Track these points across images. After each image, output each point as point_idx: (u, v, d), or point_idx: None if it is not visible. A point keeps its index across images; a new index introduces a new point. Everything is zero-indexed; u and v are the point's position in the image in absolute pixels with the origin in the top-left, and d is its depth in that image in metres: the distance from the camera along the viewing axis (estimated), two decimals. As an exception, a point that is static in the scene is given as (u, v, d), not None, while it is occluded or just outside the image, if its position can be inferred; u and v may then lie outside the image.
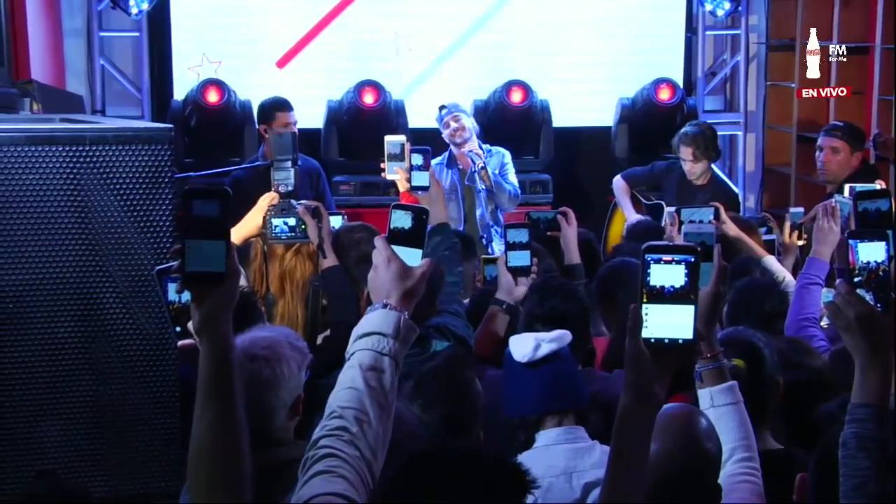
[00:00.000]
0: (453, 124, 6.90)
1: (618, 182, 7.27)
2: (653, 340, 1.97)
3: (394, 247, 2.24)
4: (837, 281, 2.36)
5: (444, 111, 7.01)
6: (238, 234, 4.22)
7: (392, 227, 2.27)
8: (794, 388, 3.29)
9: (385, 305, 2.18)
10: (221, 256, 2.03)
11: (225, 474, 2.06)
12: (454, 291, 3.98)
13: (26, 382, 2.85)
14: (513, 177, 6.97)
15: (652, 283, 1.98)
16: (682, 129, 6.93)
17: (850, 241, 2.40)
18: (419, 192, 4.15)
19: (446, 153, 7.04)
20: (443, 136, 7.00)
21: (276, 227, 4.09)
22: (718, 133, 9.47)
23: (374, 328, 2.15)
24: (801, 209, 5.47)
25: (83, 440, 2.90)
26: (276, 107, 6.85)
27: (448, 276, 3.94)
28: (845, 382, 3.43)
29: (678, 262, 1.97)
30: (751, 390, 2.92)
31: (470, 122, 7.00)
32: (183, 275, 2.03)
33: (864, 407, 2.20)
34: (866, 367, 2.21)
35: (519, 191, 6.97)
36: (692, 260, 1.97)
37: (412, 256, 2.24)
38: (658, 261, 1.98)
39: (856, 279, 2.31)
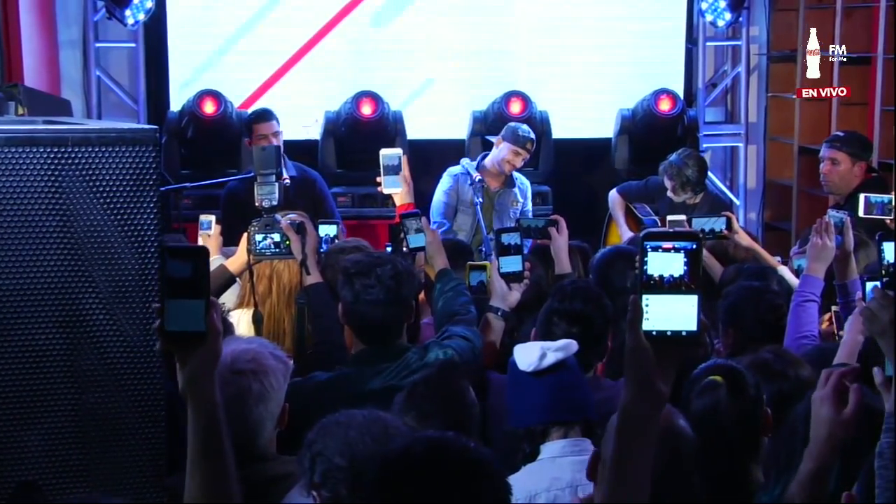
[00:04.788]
0: (518, 160, 6.67)
1: (613, 196, 7.23)
2: (654, 333, 1.86)
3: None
4: (872, 285, 2.28)
5: (521, 137, 6.67)
6: (233, 265, 4.20)
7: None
8: (779, 399, 3.19)
9: None
10: (200, 315, 2.03)
11: None
12: (470, 321, 3.96)
13: (6, 391, 2.75)
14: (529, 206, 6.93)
15: (650, 272, 1.88)
16: (670, 158, 6.71)
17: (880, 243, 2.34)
18: (416, 254, 4.24)
19: (474, 163, 6.77)
20: (498, 150, 6.74)
21: (259, 242, 4.03)
22: (719, 145, 9.51)
23: None
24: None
25: (65, 450, 2.80)
26: (253, 119, 6.68)
27: (456, 306, 3.94)
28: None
29: (677, 251, 1.87)
30: (739, 419, 2.87)
31: None
32: (163, 334, 2.03)
33: None
34: None
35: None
36: (692, 247, 1.87)
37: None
38: (656, 248, 1.88)
39: (884, 279, 2.23)
